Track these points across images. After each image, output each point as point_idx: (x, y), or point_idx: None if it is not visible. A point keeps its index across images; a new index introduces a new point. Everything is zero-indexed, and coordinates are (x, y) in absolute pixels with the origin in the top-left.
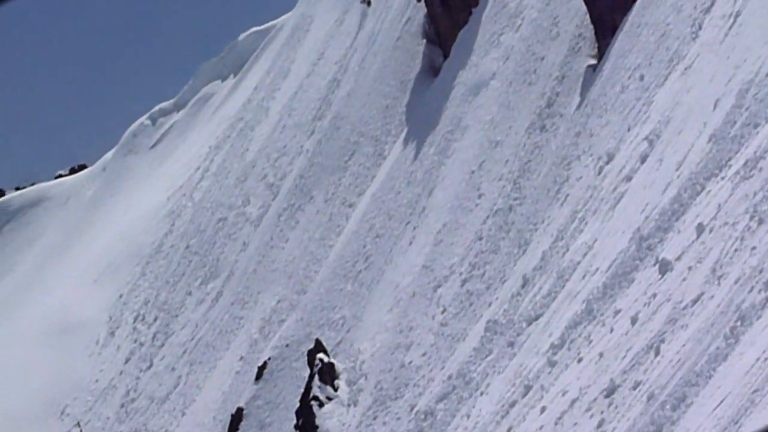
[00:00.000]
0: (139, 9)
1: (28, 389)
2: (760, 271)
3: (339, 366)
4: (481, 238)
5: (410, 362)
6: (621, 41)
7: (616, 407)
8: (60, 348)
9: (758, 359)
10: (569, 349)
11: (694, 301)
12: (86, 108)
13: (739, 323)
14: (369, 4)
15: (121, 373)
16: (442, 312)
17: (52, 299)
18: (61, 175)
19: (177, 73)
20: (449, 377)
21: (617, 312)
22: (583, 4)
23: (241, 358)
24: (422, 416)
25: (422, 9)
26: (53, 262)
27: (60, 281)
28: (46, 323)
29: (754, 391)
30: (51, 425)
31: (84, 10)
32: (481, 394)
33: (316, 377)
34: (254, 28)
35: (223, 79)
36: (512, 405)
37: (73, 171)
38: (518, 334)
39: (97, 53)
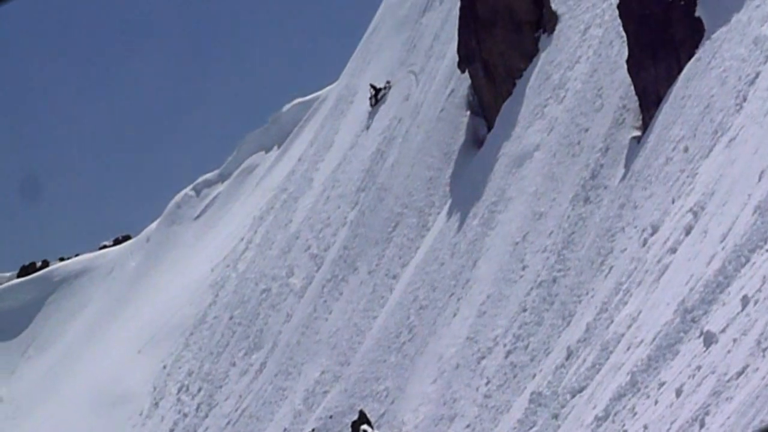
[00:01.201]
0: (184, 79)
1: None
2: None
3: None
4: (525, 310)
5: None
6: (665, 113)
7: None
8: (105, 418)
9: None
10: (613, 422)
11: (739, 374)
12: (130, 179)
13: None
14: (376, 100)
15: None
16: (486, 383)
17: (97, 370)
18: (105, 246)
19: (221, 143)
20: None
21: (662, 384)
22: (627, 75)
23: (285, 429)
24: None
25: (466, 80)
26: (97, 333)
27: (104, 352)
28: (91, 394)
29: None
30: None
31: (129, 79)
32: None
33: None
34: (298, 99)
35: (267, 150)
36: None
37: (117, 242)
38: (562, 406)
39: (141, 123)
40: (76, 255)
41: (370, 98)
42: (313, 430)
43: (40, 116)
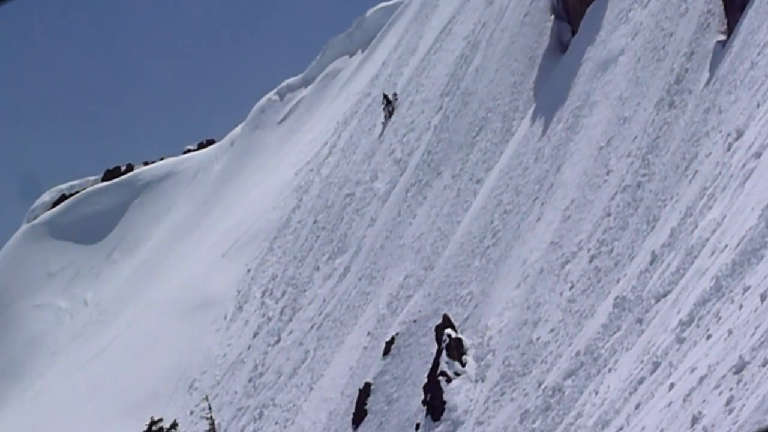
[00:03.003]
0: None
1: (158, 363)
2: None
3: (467, 342)
4: (609, 215)
5: (538, 338)
6: (751, 17)
7: (745, 384)
8: (189, 322)
9: None
10: (698, 326)
11: None
12: (214, 83)
13: None
14: (389, 112)
15: (249, 347)
16: (570, 288)
17: (182, 274)
18: (189, 150)
19: (305, 48)
20: (577, 353)
21: (746, 289)
22: None
23: (369, 333)
24: (550, 392)
25: None
26: (182, 237)
27: (189, 256)
28: (175, 298)
29: None
30: (179, 399)
31: None
32: (609, 370)
33: (444, 353)
34: (382, 4)
35: (351, 54)
36: (640, 382)
37: (201, 146)
38: (646, 311)
39: (225, 28)
40: (161, 159)
41: (384, 108)
42: (396, 334)
43: (125, 20)
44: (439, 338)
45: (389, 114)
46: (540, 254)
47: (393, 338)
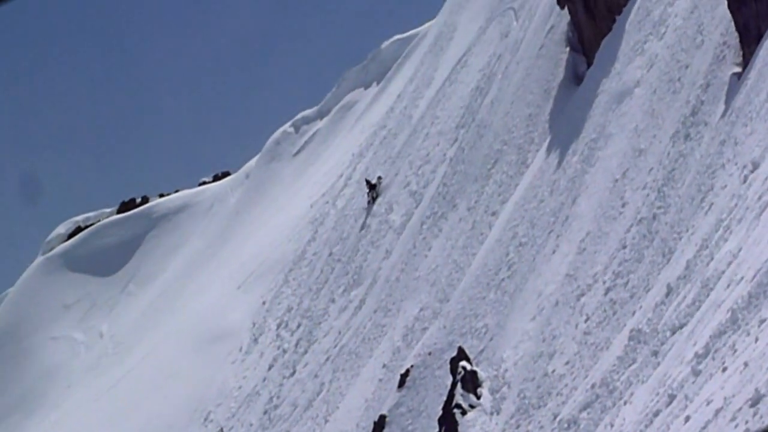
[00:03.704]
0: (284, 15)
1: (173, 395)
2: None
3: (482, 374)
4: (624, 247)
5: (553, 371)
6: (766, 49)
7: (761, 417)
8: (205, 354)
9: None
10: (714, 359)
11: None
12: (230, 115)
13: None
14: (372, 198)
15: (264, 379)
16: (586, 321)
17: (197, 306)
18: (204, 182)
19: (320, 80)
20: (592, 386)
21: (762, 321)
22: (728, 11)
23: (384, 365)
24: (565, 425)
25: (566, 17)
26: (197, 270)
27: (204, 288)
28: (191, 330)
29: None
30: (195, 431)
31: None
32: (625, 403)
33: (459, 385)
34: (397, 36)
35: (366, 86)
36: (656, 414)
37: (216, 178)
38: (662, 343)
39: (241, 60)
40: (176, 191)
41: (368, 193)
42: (411, 366)
43: (140, 53)
44: (454, 371)
45: (373, 199)
46: (555, 287)
47: (408, 370)
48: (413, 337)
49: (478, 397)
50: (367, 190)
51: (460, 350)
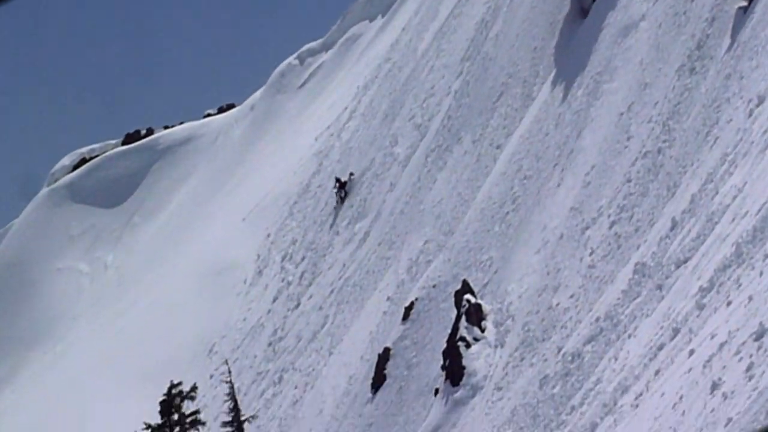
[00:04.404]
0: None
1: (178, 328)
2: None
3: (486, 307)
4: (629, 181)
5: (558, 304)
6: None
7: (766, 351)
8: (209, 287)
9: None
10: (718, 293)
11: None
12: (234, 48)
13: None
14: (341, 198)
15: (269, 312)
16: (590, 254)
17: (202, 239)
18: (209, 114)
19: (325, 13)
20: (597, 319)
21: (767, 255)
22: None
23: (389, 298)
24: (569, 358)
25: None
26: (202, 202)
27: (209, 221)
28: (195, 262)
29: None
30: (199, 363)
31: None
32: (629, 336)
33: (463, 318)
34: None
35: (371, 19)
36: (660, 348)
37: (221, 110)
38: (667, 277)
39: None
40: (181, 123)
41: (336, 192)
42: (416, 299)
43: None
44: (458, 303)
45: (341, 199)
46: (560, 220)
47: (412, 303)
48: (418, 270)
49: (483, 330)
50: (336, 189)
51: (465, 283)
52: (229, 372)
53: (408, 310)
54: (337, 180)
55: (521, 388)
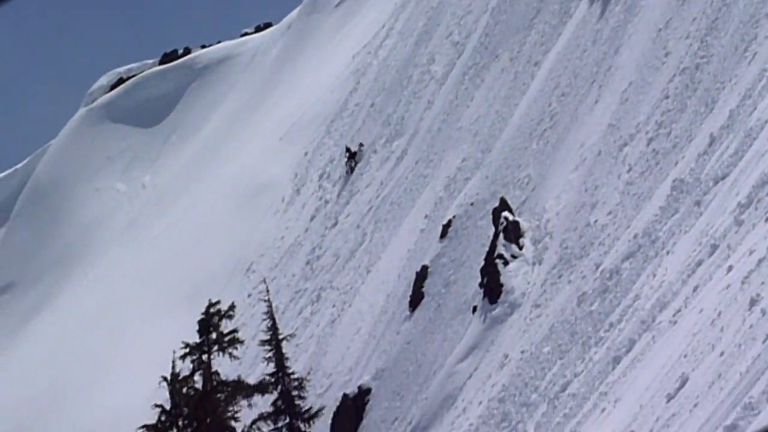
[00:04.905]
0: None
1: (216, 247)
2: None
3: (524, 224)
4: (667, 97)
5: (596, 221)
6: None
7: None
8: (247, 206)
9: None
10: (756, 209)
11: None
12: None
13: None
14: (351, 168)
15: (306, 230)
16: (628, 171)
17: (239, 158)
18: (246, 33)
19: None
20: (635, 236)
21: None
22: None
23: (426, 216)
24: (607, 275)
25: None
26: (240, 121)
27: (246, 140)
28: (233, 182)
29: None
30: (237, 282)
31: None
32: (667, 253)
33: (501, 236)
34: None
35: None
36: (698, 264)
37: (258, 29)
38: (705, 193)
39: None
40: (218, 42)
41: (347, 162)
42: (454, 216)
43: None
44: (496, 221)
45: (351, 169)
46: (598, 137)
47: (450, 221)
48: (455, 187)
49: (520, 248)
50: (346, 158)
51: (503, 200)
52: (267, 291)
53: (446, 227)
54: (348, 149)
55: (559, 305)
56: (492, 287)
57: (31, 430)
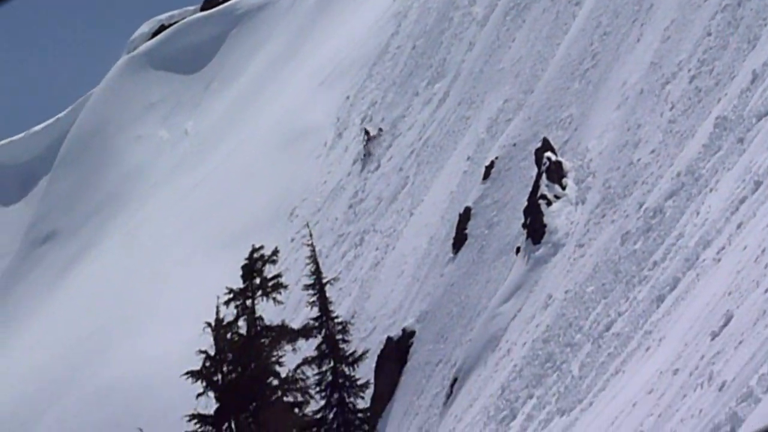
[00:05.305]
0: None
1: (258, 192)
2: None
3: (567, 164)
4: (709, 34)
5: (638, 160)
6: None
7: None
8: (289, 151)
9: None
10: None
11: None
12: None
13: None
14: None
15: (348, 174)
16: (671, 109)
17: (280, 104)
18: None
19: None
20: (678, 174)
21: None
22: None
23: (469, 157)
24: (651, 214)
25: None
26: (280, 67)
27: (287, 85)
28: (274, 127)
29: None
30: (280, 227)
31: None
32: (710, 190)
33: (544, 176)
34: None
35: None
36: (742, 201)
37: None
38: (748, 130)
39: None
40: None
41: (364, 145)
42: (496, 158)
43: None
44: (538, 161)
45: (368, 153)
46: (640, 75)
47: (493, 162)
48: (497, 128)
49: (563, 188)
50: (364, 142)
51: (545, 141)
52: (310, 235)
53: (488, 169)
54: (366, 132)
55: (603, 244)
56: (535, 228)
57: (76, 377)
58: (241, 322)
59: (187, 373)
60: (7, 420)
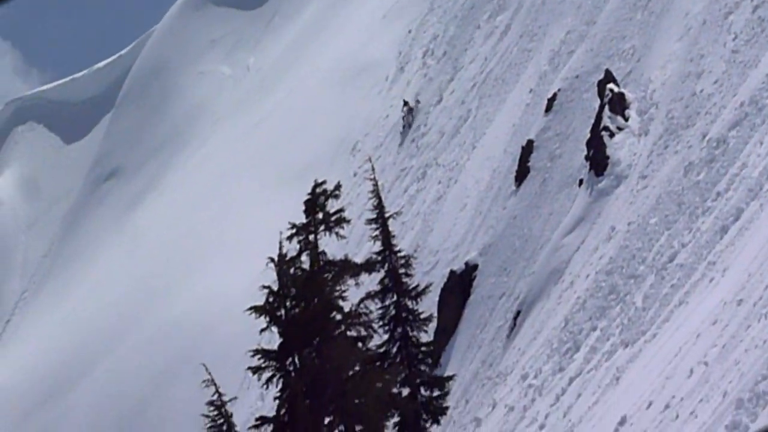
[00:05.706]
0: None
1: (320, 127)
2: None
3: (629, 96)
4: None
5: (701, 90)
6: None
7: None
8: (350, 86)
9: None
10: None
11: None
12: None
13: None
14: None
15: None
16: (734, 39)
17: (341, 39)
18: None
19: None
20: (741, 104)
21: None
22: None
23: (531, 90)
24: (714, 144)
25: None
26: (342, 2)
27: (349, 20)
28: (336, 62)
29: None
30: (342, 162)
31: None
32: None
33: (607, 108)
34: None
35: None
36: None
37: None
38: None
39: None
40: None
41: (404, 117)
42: (558, 90)
43: None
44: (601, 93)
45: (408, 125)
46: (702, 6)
47: (555, 94)
48: (560, 60)
49: (626, 119)
50: (404, 113)
51: (607, 72)
52: (373, 169)
53: (551, 101)
54: (405, 103)
55: (666, 175)
56: (598, 160)
57: (141, 314)
58: (304, 257)
59: (250, 308)
60: (79, 352)
